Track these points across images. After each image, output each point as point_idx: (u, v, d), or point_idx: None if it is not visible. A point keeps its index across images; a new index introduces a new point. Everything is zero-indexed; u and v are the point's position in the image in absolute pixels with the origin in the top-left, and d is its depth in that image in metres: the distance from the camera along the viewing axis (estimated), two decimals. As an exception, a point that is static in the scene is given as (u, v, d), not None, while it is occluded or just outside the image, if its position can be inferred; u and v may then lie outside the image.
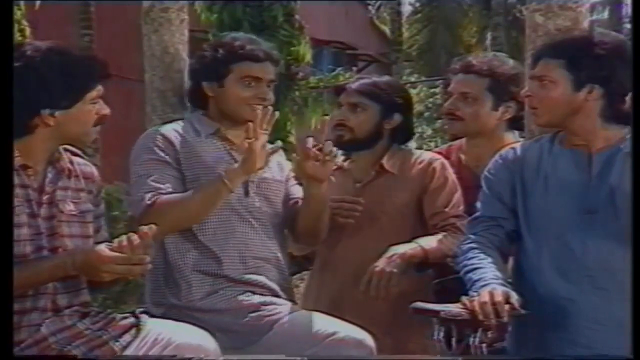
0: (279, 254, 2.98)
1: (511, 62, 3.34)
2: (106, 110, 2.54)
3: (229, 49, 2.95)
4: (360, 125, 3.20)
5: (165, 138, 2.89)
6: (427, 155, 3.27)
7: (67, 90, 2.46)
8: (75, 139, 2.54)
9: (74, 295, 2.49)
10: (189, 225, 2.82)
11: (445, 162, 3.24)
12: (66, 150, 2.58)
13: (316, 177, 2.87)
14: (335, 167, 3.10)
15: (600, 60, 2.54)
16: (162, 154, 2.86)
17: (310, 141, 2.85)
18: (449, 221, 3.11)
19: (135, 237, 2.33)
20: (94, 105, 2.51)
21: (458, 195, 3.16)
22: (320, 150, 2.84)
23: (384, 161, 3.21)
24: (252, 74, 2.94)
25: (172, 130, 2.94)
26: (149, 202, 2.78)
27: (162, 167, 2.85)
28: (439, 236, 3.07)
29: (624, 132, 2.57)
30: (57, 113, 2.45)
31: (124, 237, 2.34)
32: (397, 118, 3.24)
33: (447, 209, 3.13)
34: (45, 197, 2.47)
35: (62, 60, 2.47)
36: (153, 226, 2.37)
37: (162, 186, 2.81)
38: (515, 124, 3.26)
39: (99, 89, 2.52)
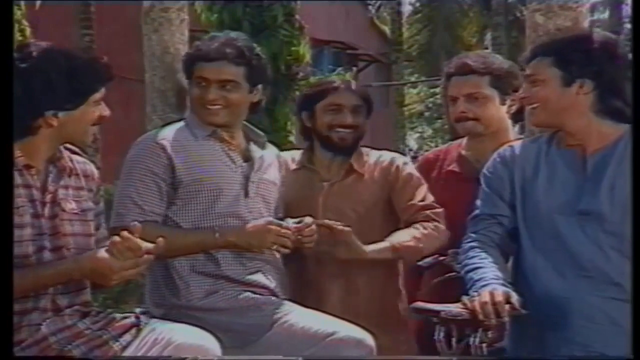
0: (278, 254, 2.98)
1: (500, 57, 3.38)
2: (107, 112, 2.56)
3: (192, 50, 3.00)
4: (364, 125, 3.24)
5: (159, 146, 2.89)
6: (388, 155, 3.32)
7: (71, 92, 2.47)
8: (75, 139, 2.56)
9: (75, 295, 2.50)
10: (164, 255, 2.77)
11: (407, 159, 3.33)
12: (66, 148, 2.58)
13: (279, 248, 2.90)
14: (297, 167, 3.24)
15: (588, 55, 2.55)
16: (152, 166, 2.86)
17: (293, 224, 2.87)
18: (420, 213, 3.14)
19: (135, 241, 2.34)
20: (96, 108, 2.53)
21: (424, 187, 3.20)
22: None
23: (353, 161, 3.24)
24: (203, 75, 2.93)
25: (168, 135, 2.94)
26: (126, 224, 2.71)
27: (149, 182, 2.86)
28: (412, 230, 3.11)
29: (619, 131, 2.57)
30: (60, 114, 2.46)
31: (117, 239, 2.34)
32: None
33: (415, 201, 3.16)
34: (48, 197, 2.47)
35: (68, 62, 2.48)
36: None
37: (145, 209, 2.83)
38: (519, 116, 3.28)
39: (102, 91, 2.54)
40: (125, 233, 2.35)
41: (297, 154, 3.34)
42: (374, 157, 3.28)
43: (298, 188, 3.21)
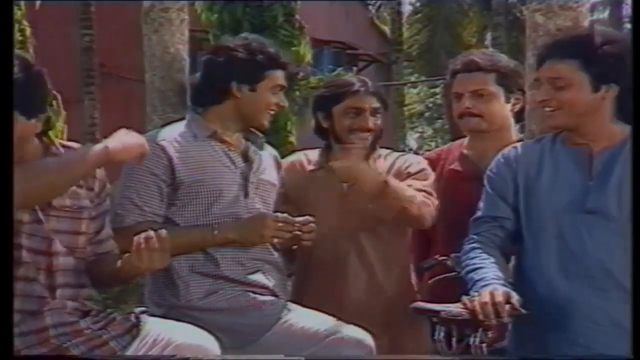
0: (277, 254, 2.99)
1: (505, 56, 3.38)
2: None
3: (267, 56, 2.97)
4: (382, 126, 3.25)
5: (159, 147, 2.88)
6: (405, 156, 3.34)
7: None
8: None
9: (79, 288, 2.51)
10: None
11: (422, 160, 3.30)
12: (63, 146, 2.58)
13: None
14: (315, 167, 3.23)
15: (614, 59, 2.52)
16: (152, 167, 2.86)
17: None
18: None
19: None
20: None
21: (429, 181, 3.18)
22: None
23: (372, 162, 3.22)
24: (280, 83, 2.99)
25: (168, 135, 2.94)
26: (126, 225, 2.80)
27: (149, 183, 2.86)
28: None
29: (627, 132, 2.56)
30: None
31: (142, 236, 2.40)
32: None
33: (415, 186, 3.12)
34: None
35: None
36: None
37: (145, 210, 2.84)
38: (521, 115, 3.29)
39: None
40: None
41: (312, 154, 3.32)
42: (391, 158, 3.28)
43: (317, 189, 3.20)
